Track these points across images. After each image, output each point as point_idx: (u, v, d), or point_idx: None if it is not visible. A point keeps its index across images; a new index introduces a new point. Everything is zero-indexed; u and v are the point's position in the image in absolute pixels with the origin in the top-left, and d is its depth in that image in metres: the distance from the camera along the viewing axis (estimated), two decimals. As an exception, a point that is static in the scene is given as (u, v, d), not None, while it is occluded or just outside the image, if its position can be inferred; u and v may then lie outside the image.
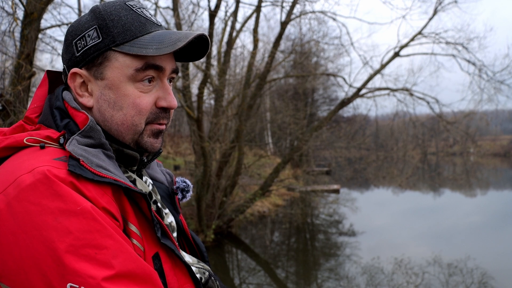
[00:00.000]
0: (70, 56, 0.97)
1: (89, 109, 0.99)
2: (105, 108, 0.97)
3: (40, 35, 6.94)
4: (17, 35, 5.92)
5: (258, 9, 12.06)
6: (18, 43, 5.81)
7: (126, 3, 0.99)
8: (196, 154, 12.31)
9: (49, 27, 7.67)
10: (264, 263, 11.35)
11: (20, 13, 5.83)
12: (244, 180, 15.39)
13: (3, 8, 6.23)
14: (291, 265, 11.55)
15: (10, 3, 5.75)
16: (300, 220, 15.12)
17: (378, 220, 16.22)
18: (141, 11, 0.99)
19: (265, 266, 11.15)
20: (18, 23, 5.78)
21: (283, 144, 26.57)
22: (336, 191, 22.76)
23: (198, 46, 1.06)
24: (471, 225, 14.94)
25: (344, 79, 14.38)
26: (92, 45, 0.95)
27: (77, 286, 0.72)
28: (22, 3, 5.59)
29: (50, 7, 7.81)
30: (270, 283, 10.01)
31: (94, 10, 0.97)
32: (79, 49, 0.96)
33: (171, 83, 1.05)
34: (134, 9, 0.98)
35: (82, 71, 0.96)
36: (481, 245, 12.05)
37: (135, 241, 0.88)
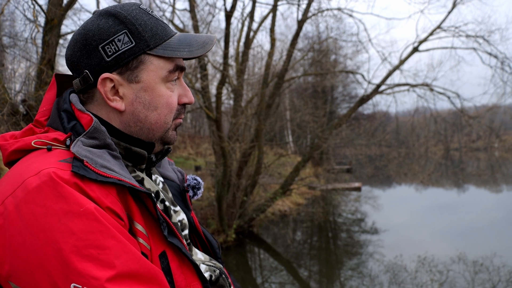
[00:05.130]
0: (98, 61, 0.97)
1: (120, 112, 1.01)
2: (139, 109, 1.00)
3: (61, 41, 7.08)
4: (38, 41, 6.04)
5: (274, 9, 12.06)
6: (39, 49, 5.94)
7: (140, 7, 1.01)
8: (216, 154, 12.38)
9: (69, 33, 7.82)
10: (286, 262, 11.34)
11: (42, 20, 5.95)
12: (264, 179, 15.40)
13: (25, 16, 6.38)
14: (314, 264, 11.51)
15: (32, 11, 5.88)
16: (321, 219, 15.07)
17: (401, 217, 16.04)
18: (156, 15, 1.03)
19: (287, 265, 11.14)
20: (40, 29, 5.90)
21: (303, 142, 26.49)
22: (358, 189, 22.59)
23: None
24: (497, 221, 14.64)
25: (363, 76, 14.29)
26: (125, 49, 0.96)
27: (80, 286, 0.73)
28: (43, 10, 5.70)
29: (70, 13, 7.96)
30: (292, 282, 10.00)
31: (115, 14, 0.98)
32: (110, 54, 0.96)
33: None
34: (150, 13, 1.02)
35: (114, 76, 0.97)
36: (508, 242, 11.79)
37: (141, 240, 0.90)
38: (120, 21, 0.97)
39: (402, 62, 13.73)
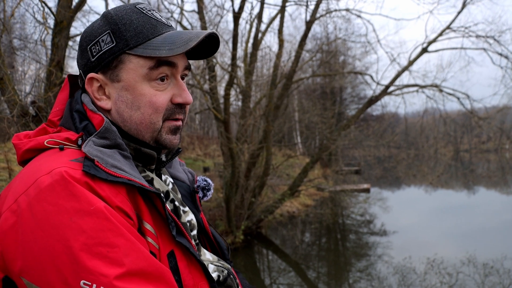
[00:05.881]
0: (86, 62, 1.01)
1: (108, 111, 1.02)
2: (123, 109, 1.00)
3: (70, 43, 7.14)
4: (48, 43, 6.10)
5: (282, 10, 12.06)
6: (49, 51, 5.99)
7: (136, 6, 1.02)
8: (224, 155, 12.40)
9: (78, 35, 7.87)
10: (294, 264, 11.32)
11: (51, 22, 6.01)
12: (272, 180, 15.39)
13: (35, 18, 6.44)
14: (322, 266, 11.48)
15: (41, 13, 5.93)
16: (330, 220, 15.03)
17: (410, 219, 15.95)
18: (151, 13, 1.02)
19: (296, 266, 11.13)
20: (49, 31, 5.96)
21: (312, 143, 26.45)
22: (367, 190, 22.49)
23: (209, 44, 1.08)
24: (507, 223, 14.52)
25: (372, 77, 14.25)
26: (106, 49, 0.98)
27: (90, 283, 0.74)
28: (52, 13, 5.75)
29: (79, 14, 8.02)
30: (300, 283, 9.98)
31: (105, 16, 1.01)
32: (94, 54, 0.99)
33: (184, 80, 1.08)
34: (144, 11, 1.01)
35: (99, 76, 1.00)
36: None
37: (150, 239, 0.91)
38: (107, 21, 1.00)
39: (411, 63, 13.66)
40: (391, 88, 13.94)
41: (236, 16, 10.97)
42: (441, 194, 21.35)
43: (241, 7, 10.97)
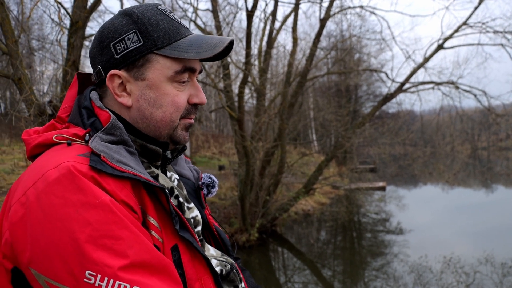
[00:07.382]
0: (108, 58, 1.03)
1: (128, 108, 1.05)
2: (145, 106, 1.03)
3: (85, 43, 7.22)
4: (64, 44, 6.19)
5: (296, 7, 12.04)
6: (65, 51, 6.08)
7: (158, 7, 1.05)
8: (238, 153, 12.43)
9: (93, 34, 7.94)
10: (310, 262, 11.31)
11: (67, 23, 6.10)
12: (287, 178, 15.39)
13: (52, 18, 6.53)
14: (337, 264, 11.45)
15: (58, 14, 6.02)
16: (345, 218, 14.97)
17: (426, 217, 15.80)
18: (172, 16, 1.06)
19: (311, 265, 11.11)
20: (65, 32, 6.04)
21: (327, 141, 26.36)
22: (382, 189, 22.34)
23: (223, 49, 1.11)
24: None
25: (387, 74, 14.10)
26: (133, 48, 1.00)
27: (95, 273, 0.77)
28: (68, 13, 5.83)
29: (94, 15, 8.11)
30: (316, 282, 9.97)
31: (130, 14, 1.03)
32: (119, 51, 1.01)
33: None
34: (166, 13, 1.05)
35: (122, 73, 1.02)
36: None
37: (154, 233, 0.93)
38: (132, 20, 1.02)
39: (426, 59, 13.51)
40: (407, 85, 13.81)
41: (250, 14, 10.98)
42: (458, 192, 21.11)
43: (254, 5, 10.98)
